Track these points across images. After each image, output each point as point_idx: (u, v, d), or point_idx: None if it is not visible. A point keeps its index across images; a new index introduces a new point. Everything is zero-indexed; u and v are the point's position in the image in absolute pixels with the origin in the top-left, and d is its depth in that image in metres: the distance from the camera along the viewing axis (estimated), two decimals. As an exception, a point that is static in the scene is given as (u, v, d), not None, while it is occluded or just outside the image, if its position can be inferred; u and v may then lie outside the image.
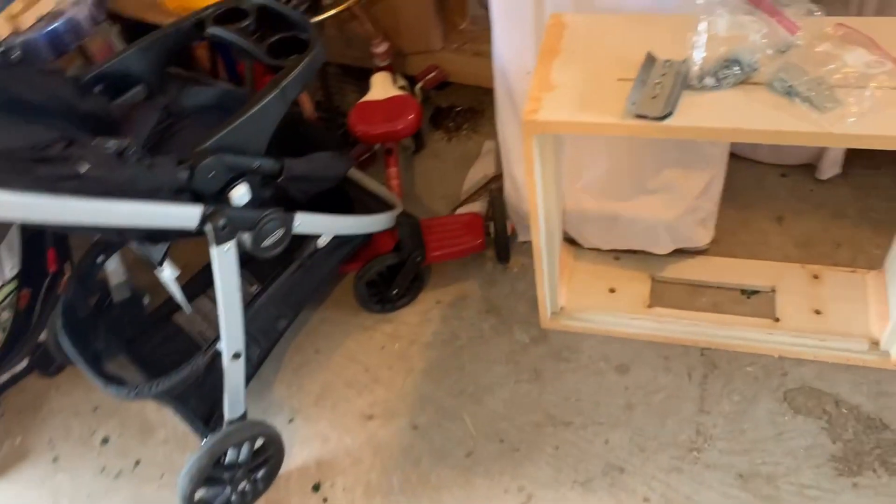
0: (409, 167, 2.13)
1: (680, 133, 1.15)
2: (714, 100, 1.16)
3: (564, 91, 1.22)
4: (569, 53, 1.29)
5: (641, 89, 1.18)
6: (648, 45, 1.24)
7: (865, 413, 1.45)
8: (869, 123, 1.07)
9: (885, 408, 1.46)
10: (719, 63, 1.17)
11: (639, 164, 1.60)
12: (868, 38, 1.17)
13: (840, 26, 1.20)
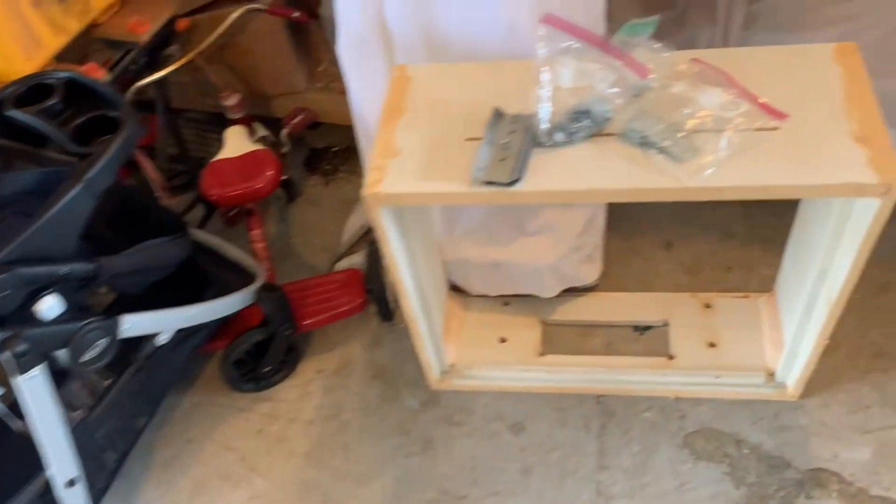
0: (285, 218, 1.98)
1: (531, 198, 1.06)
2: (566, 157, 1.06)
3: (409, 156, 1.11)
4: (414, 111, 1.17)
5: (489, 151, 1.07)
6: (498, 96, 1.14)
7: (767, 451, 1.39)
8: (727, 174, 1.00)
9: (786, 444, 1.40)
10: (569, 116, 1.07)
11: (516, 206, 1.50)
12: (724, 73, 1.09)
13: (695, 62, 1.12)
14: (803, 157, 0.99)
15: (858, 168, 0.97)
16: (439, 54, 1.37)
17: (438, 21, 1.34)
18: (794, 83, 1.08)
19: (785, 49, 1.14)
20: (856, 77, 1.07)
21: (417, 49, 1.38)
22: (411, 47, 1.38)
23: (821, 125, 1.03)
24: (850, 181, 0.96)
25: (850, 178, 0.96)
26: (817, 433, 1.40)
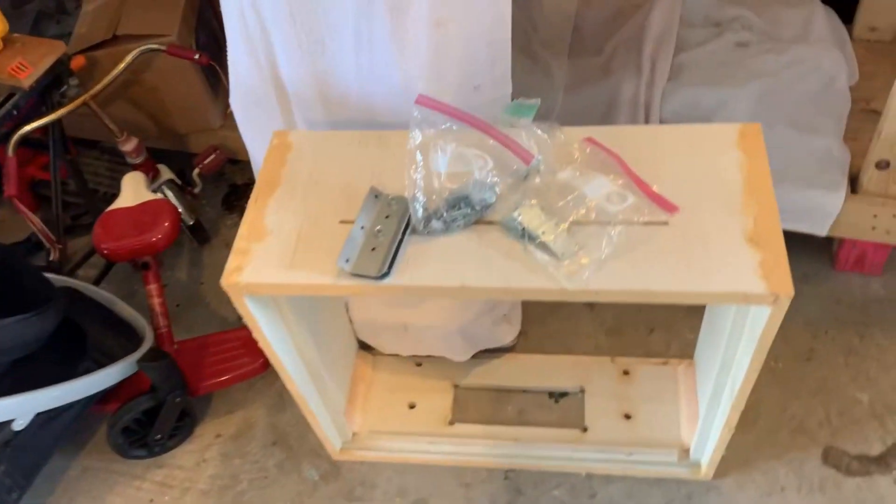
0: (197, 262, 1.89)
1: (402, 293, 0.97)
2: (442, 248, 0.97)
3: (277, 239, 1.02)
4: (289, 185, 1.08)
5: (360, 238, 0.98)
6: (380, 172, 1.06)
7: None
8: (608, 276, 0.92)
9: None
10: (447, 202, 0.99)
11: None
12: (615, 157, 1.01)
13: (587, 143, 1.03)
14: (691, 259, 0.92)
15: (748, 274, 0.89)
16: (337, 111, 1.29)
17: (335, 80, 1.26)
18: (691, 169, 1.01)
19: (686, 130, 1.06)
20: (756, 166, 1.00)
21: (314, 106, 1.30)
22: (308, 104, 1.29)
23: (714, 221, 0.95)
24: (737, 290, 0.89)
25: (738, 286, 0.89)
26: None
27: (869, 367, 1.47)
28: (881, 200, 1.49)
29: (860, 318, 1.55)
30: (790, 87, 1.55)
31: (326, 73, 1.25)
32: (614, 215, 0.95)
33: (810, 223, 1.52)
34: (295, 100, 1.30)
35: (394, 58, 1.20)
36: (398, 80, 1.22)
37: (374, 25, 1.18)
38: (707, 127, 1.06)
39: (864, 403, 1.43)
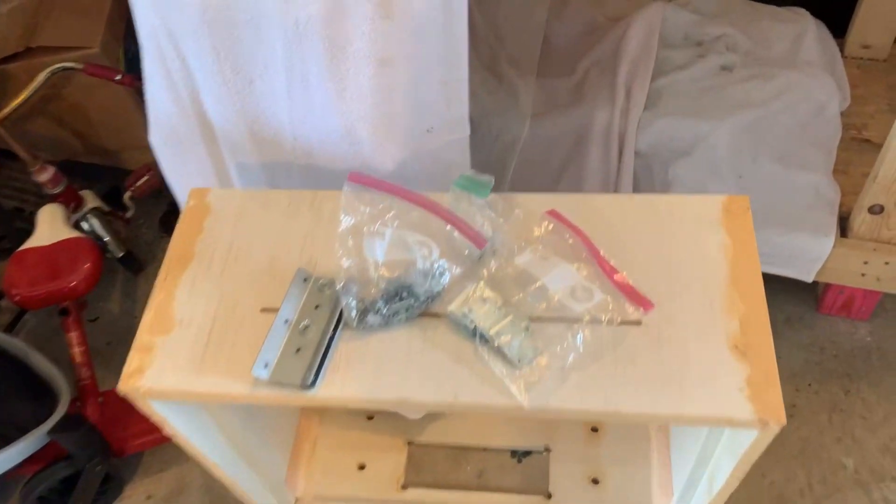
0: (131, 292, 1.73)
1: (330, 405, 0.83)
2: (381, 347, 0.83)
3: (187, 332, 0.87)
4: (206, 260, 0.93)
5: (283, 335, 0.84)
6: (311, 244, 0.92)
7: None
8: (571, 391, 0.79)
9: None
10: (386, 292, 0.84)
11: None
12: (581, 236, 0.87)
13: (551, 216, 0.89)
14: (666, 372, 0.79)
15: (732, 393, 0.77)
16: (271, 153, 1.14)
17: (267, 120, 1.10)
18: (668, 252, 0.87)
19: (664, 201, 0.92)
20: (743, 251, 0.87)
21: (245, 147, 1.14)
22: (237, 145, 1.14)
23: (693, 322, 0.82)
24: (719, 414, 0.76)
25: (720, 409, 0.76)
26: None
27: (854, 426, 1.37)
28: (872, 246, 1.37)
29: (846, 369, 1.44)
30: (777, 118, 1.41)
31: (257, 113, 1.10)
32: (580, 314, 0.82)
33: (796, 269, 1.40)
34: (223, 140, 1.15)
35: (332, 99, 1.04)
36: (338, 124, 1.06)
37: (308, 64, 1.02)
38: (687, 199, 0.92)
39: (849, 469, 1.33)
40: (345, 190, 0.85)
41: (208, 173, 1.21)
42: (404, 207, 0.85)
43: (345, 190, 0.85)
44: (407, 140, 1.11)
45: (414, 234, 0.82)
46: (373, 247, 0.82)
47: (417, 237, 0.82)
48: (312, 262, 0.91)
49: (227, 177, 1.21)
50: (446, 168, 1.19)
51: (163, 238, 1.80)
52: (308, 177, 1.17)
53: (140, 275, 1.75)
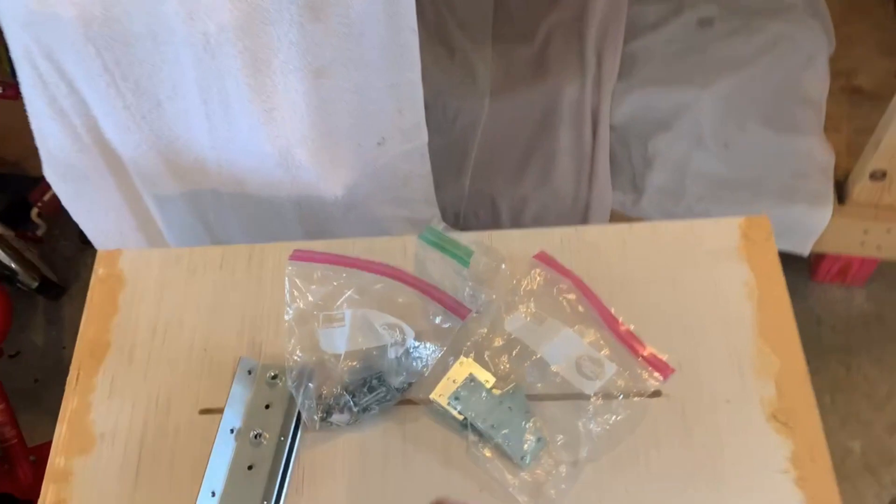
0: (56, 318, 1.53)
1: (299, 532, 0.68)
2: (352, 450, 0.69)
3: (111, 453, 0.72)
4: (125, 352, 0.77)
5: (229, 449, 0.68)
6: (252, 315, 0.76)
7: None
8: (586, 492, 0.65)
9: None
10: (352, 384, 0.69)
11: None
12: (579, 284, 0.73)
13: (541, 260, 0.74)
14: (696, 456, 0.66)
15: (775, 478, 0.65)
16: (194, 181, 0.95)
17: (184, 147, 0.91)
18: (683, 294, 0.74)
19: (670, 228, 0.78)
20: (771, 289, 0.73)
21: (161, 178, 0.96)
22: (152, 177, 0.96)
23: (722, 387, 0.69)
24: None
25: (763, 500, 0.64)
26: None
27: (859, 406, 1.28)
28: (873, 213, 1.26)
29: (845, 341, 1.34)
30: (763, 77, 1.26)
31: (171, 139, 0.91)
32: (589, 391, 0.68)
33: (791, 242, 1.28)
34: (135, 171, 0.96)
35: (259, 121, 0.86)
36: (270, 149, 0.88)
37: (225, 81, 0.83)
38: (697, 225, 0.78)
39: (857, 453, 1.25)
40: (287, 272, 0.68)
41: (121, 209, 1.02)
42: (364, 281, 0.69)
43: (287, 272, 0.68)
44: (355, 159, 0.94)
45: (380, 316, 0.66)
46: (330, 338, 0.66)
47: (385, 319, 0.66)
48: (256, 344, 0.74)
49: (144, 211, 1.02)
50: (404, 180, 1.02)
51: (85, 251, 1.59)
52: (242, 206, 0.99)
53: (63, 297, 1.55)
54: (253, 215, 0.99)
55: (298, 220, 0.97)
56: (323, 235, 0.98)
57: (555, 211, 1.33)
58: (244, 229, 1.02)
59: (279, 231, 0.99)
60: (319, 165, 0.91)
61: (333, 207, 0.94)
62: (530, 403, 0.69)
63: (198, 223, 1.03)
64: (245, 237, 1.03)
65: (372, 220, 1.01)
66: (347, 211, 0.96)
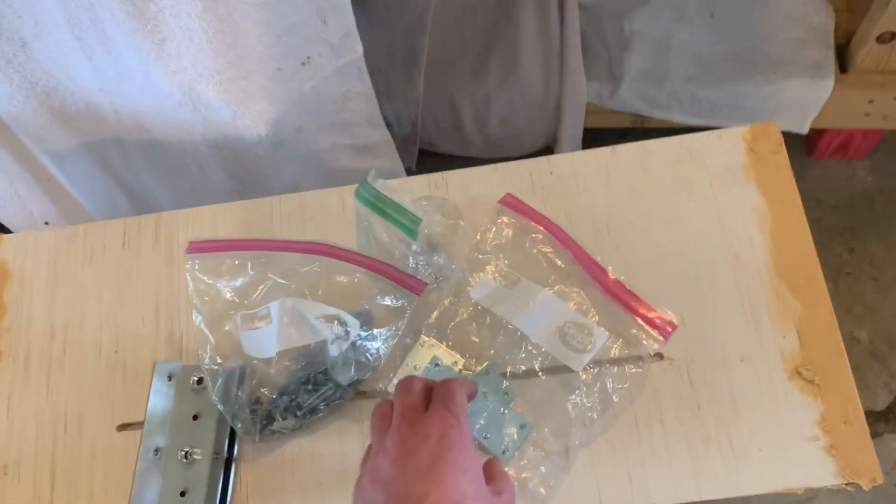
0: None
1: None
2: (301, 461, 0.58)
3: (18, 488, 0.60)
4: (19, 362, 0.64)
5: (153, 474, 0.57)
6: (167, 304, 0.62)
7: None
8: (582, 481, 0.55)
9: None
10: (295, 384, 0.57)
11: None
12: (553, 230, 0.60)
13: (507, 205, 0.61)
14: (707, 429, 0.56)
15: (803, 448, 0.55)
16: (89, 130, 0.80)
17: (66, 94, 0.76)
18: (680, 230, 0.61)
19: (659, 147, 0.64)
20: (787, 215, 0.60)
21: (49, 131, 0.82)
22: (37, 129, 0.81)
23: (733, 341, 0.57)
24: (790, 484, 0.54)
25: (790, 476, 0.54)
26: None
27: (864, 290, 1.19)
28: (879, 80, 1.12)
29: (847, 221, 1.24)
30: None
31: (49, 85, 0.75)
32: (577, 364, 0.56)
33: (789, 120, 1.14)
34: (17, 126, 0.79)
35: (149, 56, 0.70)
36: (169, 86, 0.72)
37: (97, 12, 0.67)
38: (691, 139, 0.64)
39: (864, 342, 1.17)
40: (188, 268, 0.54)
41: (11, 169, 0.86)
42: (290, 261, 0.55)
43: (188, 268, 0.54)
44: (276, 87, 0.77)
45: (314, 306, 0.53)
46: (255, 341, 0.53)
47: (320, 310, 0.53)
48: (175, 339, 0.62)
49: (41, 169, 0.87)
50: (341, 103, 0.86)
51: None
52: (152, 155, 0.84)
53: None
54: (167, 164, 0.84)
55: (220, 166, 0.82)
56: (251, 179, 0.84)
57: (523, 109, 1.17)
58: (161, 180, 0.87)
59: (200, 179, 0.84)
60: (232, 101, 0.75)
61: (258, 147, 0.79)
62: (509, 384, 0.57)
63: (106, 177, 0.88)
64: (164, 189, 0.88)
65: (308, 154, 0.86)
66: (276, 149, 0.81)
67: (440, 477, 0.42)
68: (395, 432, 0.45)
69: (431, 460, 0.42)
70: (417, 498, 0.41)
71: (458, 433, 0.44)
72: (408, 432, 0.44)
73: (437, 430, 0.44)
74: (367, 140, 0.91)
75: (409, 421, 0.45)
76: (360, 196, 0.55)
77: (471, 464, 0.44)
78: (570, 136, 1.16)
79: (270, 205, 0.65)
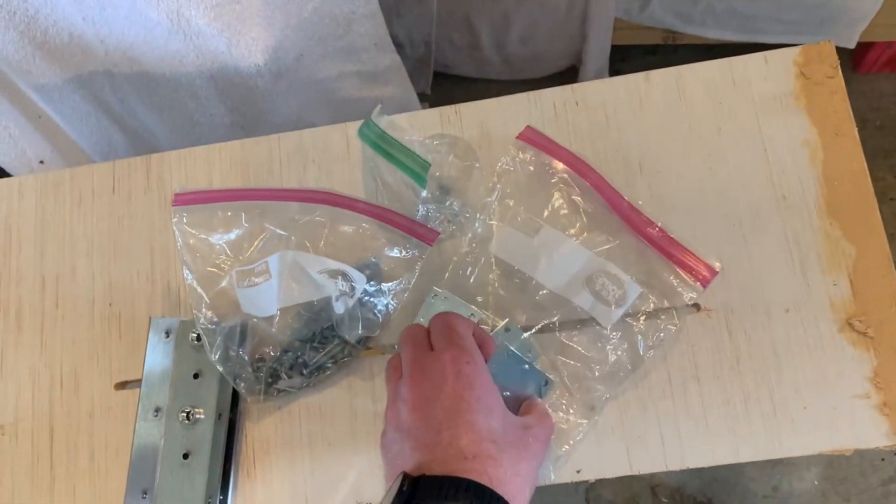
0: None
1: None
2: (310, 420, 0.55)
3: (16, 447, 0.58)
4: (10, 318, 0.61)
5: (155, 438, 0.54)
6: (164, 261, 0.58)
7: None
8: (613, 449, 0.52)
9: None
10: (299, 340, 0.53)
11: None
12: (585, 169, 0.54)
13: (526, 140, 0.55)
14: (749, 387, 0.51)
15: (854, 406, 0.50)
16: (79, 63, 0.75)
17: (49, 19, 0.70)
18: (720, 164, 0.55)
19: (696, 71, 0.57)
20: (841, 148, 0.54)
21: (36, 63, 0.77)
22: (23, 62, 0.76)
23: (779, 289, 0.52)
24: (838, 446, 0.50)
25: (839, 437, 0.50)
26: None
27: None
28: (937, -15, 1.01)
29: (893, 143, 1.15)
30: None
31: (30, 16, 0.70)
32: (606, 319, 0.51)
33: (835, 34, 1.05)
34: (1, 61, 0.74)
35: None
36: (156, 14, 0.66)
37: (70, -71, 0.60)
38: (736, 63, 0.57)
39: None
40: (175, 222, 0.49)
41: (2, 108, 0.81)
42: (289, 209, 0.50)
43: (175, 222, 0.49)
44: (273, 11, 0.71)
45: (315, 260, 0.48)
46: (253, 299, 0.48)
47: (323, 264, 0.48)
48: (173, 290, 0.58)
49: (32, 105, 0.81)
50: (345, 25, 0.79)
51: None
52: (145, 89, 0.78)
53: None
54: (161, 98, 0.78)
55: (217, 99, 0.77)
56: (252, 113, 0.78)
57: (545, 27, 1.09)
58: (157, 116, 0.81)
59: (198, 114, 0.78)
60: (225, 28, 0.68)
61: (257, 78, 0.73)
62: (531, 339, 0.53)
63: (99, 113, 0.82)
64: (161, 125, 0.82)
65: (311, 84, 0.79)
66: (276, 80, 0.75)
67: (468, 419, 0.40)
68: (408, 379, 0.43)
69: (454, 402, 0.40)
70: (447, 443, 0.39)
71: (473, 369, 0.42)
72: (421, 377, 0.42)
73: (453, 370, 0.41)
74: (375, 66, 0.84)
75: (419, 366, 0.42)
76: (364, 136, 0.49)
77: (495, 400, 0.42)
78: (596, 54, 1.08)
79: (269, 144, 0.59)
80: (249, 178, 0.58)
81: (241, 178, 0.58)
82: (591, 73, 1.12)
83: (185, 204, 0.50)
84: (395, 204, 0.51)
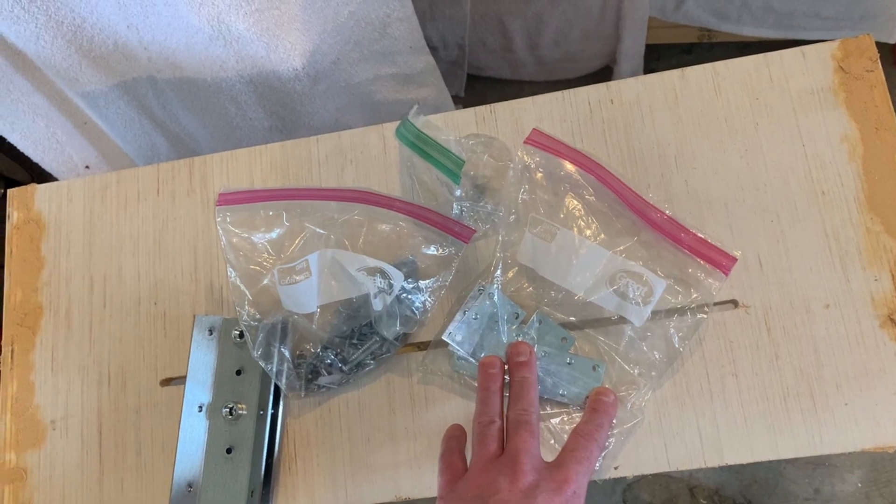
0: None
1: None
2: (349, 416, 0.56)
3: (67, 443, 0.60)
4: (61, 315, 0.63)
5: (201, 433, 0.56)
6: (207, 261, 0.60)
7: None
8: (655, 444, 0.51)
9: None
10: (339, 337, 0.55)
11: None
12: (599, 171, 0.54)
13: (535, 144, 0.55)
14: (789, 382, 0.51)
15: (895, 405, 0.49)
16: (121, 70, 0.77)
17: (94, 28, 0.72)
18: (755, 160, 0.54)
19: (727, 69, 0.57)
20: (882, 143, 0.53)
21: (82, 70, 0.78)
22: (69, 70, 0.78)
23: (818, 285, 0.52)
24: (879, 444, 0.49)
25: (881, 436, 0.49)
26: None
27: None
28: (981, -23, 0.99)
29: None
30: None
31: (77, 25, 0.72)
32: (637, 318, 0.51)
33: (874, 29, 1.03)
34: (48, 68, 0.77)
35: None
36: (198, 20, 0.68)
37: (115, -60, 0.62)
38: (773, 59, 0.56)
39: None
40: (219, 222, 0.50)
41: (48, 112, 0.83)
42: (328, 209, 0.51)
43: (219, 222, 0.50)
44: (310, 16, 0.72)
45: (354, 258, 0.49)
46: (295, 296, 0.50)
47: (361, 262, 0.49)
48: (216, 289, 0.59)
49: (77, 112, 0.84)
50: (381, 29, 0.80)
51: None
52: (186, 94, 0.80)
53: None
54: (202, 103, 0.80)
55: (257, 103, 0.78)
56: (290, 116, 0.79)
57: (579, 27, 1.09)
58: (198, 120, 0.83)
59: (238, 118, 0.80)
60: (264, 33, 0.70)
61: (295, 82, 0.74)
62: (565, 330, 0.53)
63: (142, 118, 0.85)
64: (202, 129, 0.84)
65: (348, 87, 0.81)
66: (314, 83, 0.76)
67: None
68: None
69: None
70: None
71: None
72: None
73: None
74: (410, 68, 0.85)
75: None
76: (401, 135, 0.50)
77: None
78: (630, 54, 1.07)
79: (308, 146, 0.60)
80: (289, 179, 0.59)
81: (281, 179, 0.59)
82: (625, 73, 1.12)
83: (229, 204, 0.51)
84: (430, 202, 0.52)
